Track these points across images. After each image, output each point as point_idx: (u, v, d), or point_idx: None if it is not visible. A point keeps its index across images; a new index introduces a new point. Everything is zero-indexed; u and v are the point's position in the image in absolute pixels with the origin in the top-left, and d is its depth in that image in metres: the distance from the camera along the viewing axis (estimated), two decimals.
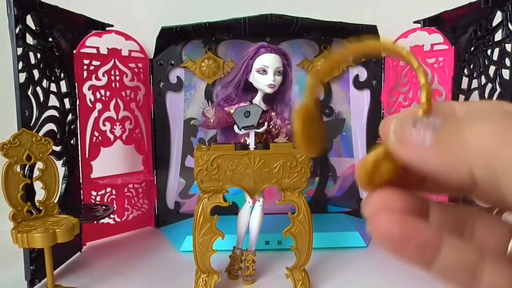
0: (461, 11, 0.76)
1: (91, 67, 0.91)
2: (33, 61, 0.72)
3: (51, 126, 0.78)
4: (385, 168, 0.19)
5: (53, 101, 0.78)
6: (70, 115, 0.84)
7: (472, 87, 0.79)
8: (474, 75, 0.77)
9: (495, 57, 0.71)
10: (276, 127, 0.69)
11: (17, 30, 0.67)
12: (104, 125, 0.95)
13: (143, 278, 0.75)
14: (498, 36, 0.70)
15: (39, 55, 0.74)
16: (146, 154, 1.03)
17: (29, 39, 0.72)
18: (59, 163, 0.80)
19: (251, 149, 0.63)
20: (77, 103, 0.88)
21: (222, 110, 0.67)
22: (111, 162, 1.01)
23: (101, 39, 0.92)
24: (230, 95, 0.69)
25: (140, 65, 1.00)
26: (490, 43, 0.72)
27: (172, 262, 0.83)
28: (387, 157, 0.19)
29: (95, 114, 0.93)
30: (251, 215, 0.71)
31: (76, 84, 0.88)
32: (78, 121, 0.88)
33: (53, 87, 0.79)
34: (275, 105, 0.71)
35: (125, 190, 1.00)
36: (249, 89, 0.70)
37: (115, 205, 0.97)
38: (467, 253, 0.17)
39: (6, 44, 0.68)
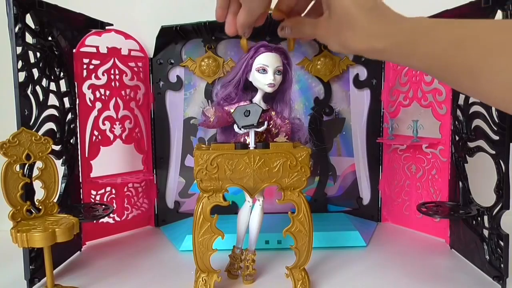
0: (461, 10, 0.76)
1: (91, 66, 0.91)
2: (32, 60, 0.72)
3: (50, 125, 0.78)
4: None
5: (52, 100, 0.78)
6: (69, 114, 0.84)
7: None
8: None
9: None
10: (276, 126, 0.68)
11: (16, 29, 0.67)
12: (103, 124, 0.95)
13: (142, 277, 0.75)
14: None
15: (38, 54, 0.74)
16: (146, 153, 1.03)
17: (29, 38, 0.72)
18: (58, 162, 0.80)
19: (251, 148, 0.62)
20: (77, 102, 0.88)
21: (222, 109, 0.67)
22: (111, 161, 1.01)
23: (101, 38, 0.92)
24: (230, 94, 0.68)
25: (139, 64, 1.00)
26: None
27: (172, 261, 0.82)
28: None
29: (94, 113, 0.93)
30: (251, 215, 0.70)
31: (75, 83, 0.88)
32: (77, 120, 0.88)
33: (52, 86, 0.79)
34: (275, 105, 0.71)
35: (125, 190, 1.00)
36: (249, 88, 0.69)
37: (114, 205, 0.97)
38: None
39: (5, 43, 0.68)
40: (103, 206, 0.85)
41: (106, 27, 0.91)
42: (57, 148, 0.80)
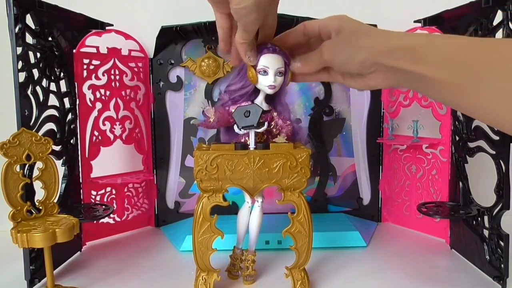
0: (461, 10, 0.76)
1: (91, 67, 0.91)
2: (32, 60, 0.72)
3: (51, 125, 0.78)
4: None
5: (53, 100, 0.78)
6: (70, 114, 0.84)
7: None
8: None
9: None
10: (277, 127, 0.68)
11: (16, 30, 0.67)
12: (104, 124, 0.95)
13: (142, 277, 0.75)
14: (498, 35, 0.69)
15: (38, 55, 0.74)
16: (146, 153, 1.03)
17: (29, 39, 0.72)
18: (59, 163, 0.80)
19: (251, 149, 0.62)
20: (77, 102, 0.88)
21: (224, 110, 0.66)
22: (111, 161, 1.01)
23: (101, 38, 0.92)
24: (236, 97, 0.68)
25: (140, 64, 1.00)
26: None
27: (172, 261, 0.82)
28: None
29: (95, 113, 0.93)
30: (250, 215, 0.70)
31: (76, 83, 0.88)
32: (78, 121, 0.88)
33: (52, 87, 0.79)
34: (277, 106, 0.70)
35: (125, 190, 1.00)
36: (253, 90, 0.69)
37: (115, 205, 0.97)
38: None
39: (5, 44, 0.68)
40: (103, 207, 0.85)
41: (106, 27, 0.91)
42: (57, 148, 0.80)
